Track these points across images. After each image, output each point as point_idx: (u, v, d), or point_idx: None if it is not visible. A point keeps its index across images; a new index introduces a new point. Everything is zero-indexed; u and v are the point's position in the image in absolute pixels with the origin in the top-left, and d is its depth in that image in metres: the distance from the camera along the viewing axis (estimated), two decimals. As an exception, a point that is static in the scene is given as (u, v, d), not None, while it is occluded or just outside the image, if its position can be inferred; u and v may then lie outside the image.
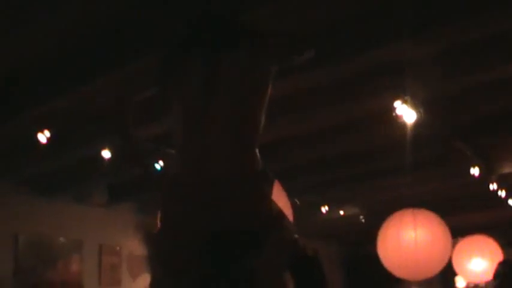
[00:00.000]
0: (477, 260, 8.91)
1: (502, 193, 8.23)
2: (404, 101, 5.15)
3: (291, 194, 5.07)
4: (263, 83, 2.40)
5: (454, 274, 9.73)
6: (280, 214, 2.34)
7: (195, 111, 2.33)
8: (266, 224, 2.24)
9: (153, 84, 2.62)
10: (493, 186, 7.93)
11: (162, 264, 2.29)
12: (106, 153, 6.25)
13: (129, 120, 2.58)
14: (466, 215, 9.84)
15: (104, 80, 4.83)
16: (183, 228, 2.26)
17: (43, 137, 5.68)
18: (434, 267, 6.95)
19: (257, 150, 2.35)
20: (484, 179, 7.59)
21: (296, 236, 2.35)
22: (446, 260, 7.12)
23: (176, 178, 2.36)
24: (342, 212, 9.66)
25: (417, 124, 5.31)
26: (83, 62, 4.71)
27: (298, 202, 6.77)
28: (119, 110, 2.63)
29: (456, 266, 9.11)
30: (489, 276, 7.59)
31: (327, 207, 9.03)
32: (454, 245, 7.84)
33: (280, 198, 4.50)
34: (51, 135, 5.67)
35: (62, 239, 8.21)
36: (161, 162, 6.63)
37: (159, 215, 2.37)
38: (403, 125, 5.36)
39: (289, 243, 2.31)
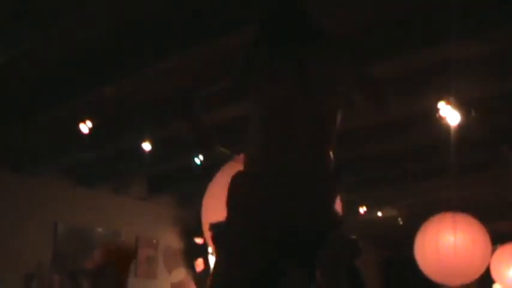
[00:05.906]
0: (516, 268, 8.72)
1: (545, 201, 8.05)
2: (448, 102, 5.07)
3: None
4: (343, 90, 2.45)
5: (492, 282, 9.54)
6: (342, 216, 2.46)
7: (284, 111, 2.35)
8: (332, 223, 2.37)
9: (232, 73, 2.61)
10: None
11: (230, 253, 2.34)
12: (146, 145, 6.28)
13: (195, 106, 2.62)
14: (506, 222, 9.66)
15: (150, 70, 4.85)
16: (256, 219, 2.31)
17: (85, 127, 5.73)
18: (473, 273, 6.81)
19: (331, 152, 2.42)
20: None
21: (354, 237, 2.37)
22: (485, 266, 6.98)
23: (256, 171, 2.39)
24: (379, 213, 9.57)
25: (461, 126, 5.22)
26: (128, 52, 4.74)
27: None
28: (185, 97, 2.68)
29: (494, 274, 8.92)
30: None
31: (365, 208, 8.95)
32: (493, 252, 7.68)
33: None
34: (93, 125, 5.72)
35: (99, 229, 8.30)
36: (201, 157, 6.69)
37: (228, 206, 2.40)
38: (446, 127, 5.28)
39: (350, 243, 2.35)
